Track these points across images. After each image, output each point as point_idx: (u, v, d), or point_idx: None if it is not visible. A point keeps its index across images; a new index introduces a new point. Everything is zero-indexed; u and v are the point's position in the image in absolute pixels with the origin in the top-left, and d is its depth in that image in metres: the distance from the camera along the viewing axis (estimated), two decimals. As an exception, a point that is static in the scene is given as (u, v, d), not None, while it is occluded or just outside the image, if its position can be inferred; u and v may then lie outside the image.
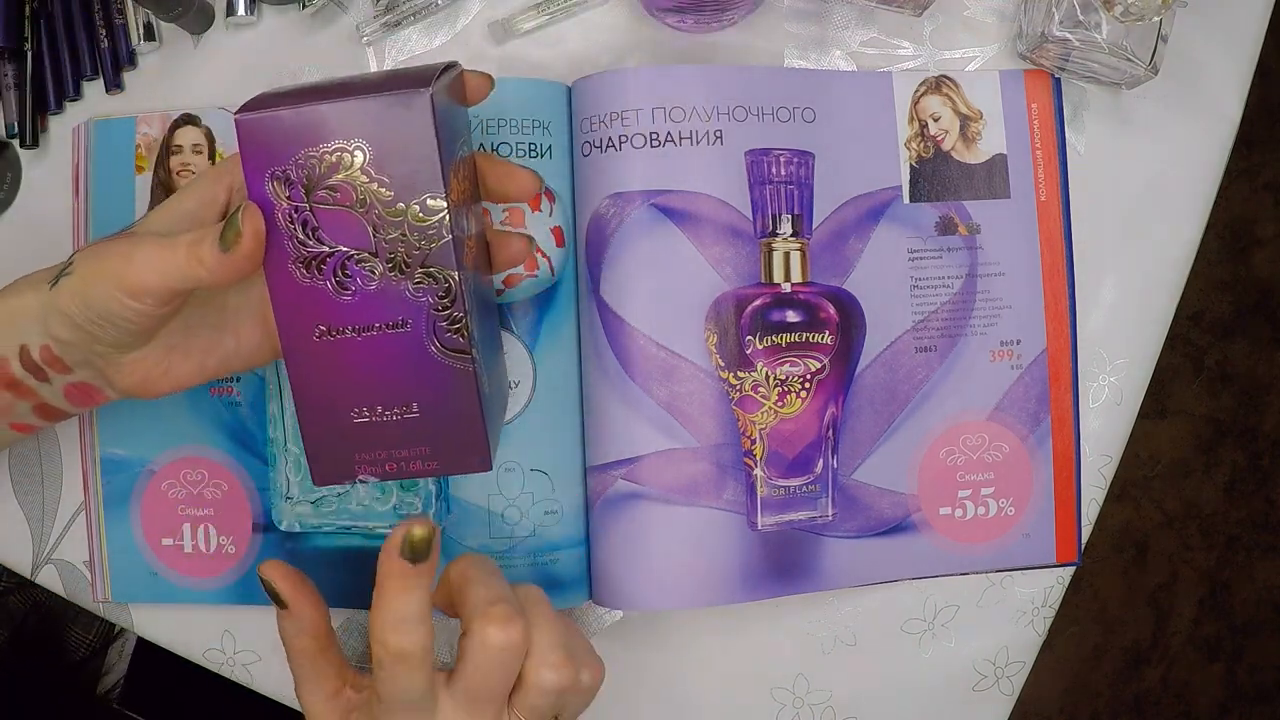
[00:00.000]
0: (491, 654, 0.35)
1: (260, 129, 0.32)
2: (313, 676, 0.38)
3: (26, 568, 0.51)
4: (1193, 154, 0.51)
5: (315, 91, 0.33)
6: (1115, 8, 0.43)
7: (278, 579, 0.38)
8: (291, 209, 0.33)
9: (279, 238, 0.34)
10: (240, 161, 0.33)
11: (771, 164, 0.46)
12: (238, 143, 0.33)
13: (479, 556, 0.39)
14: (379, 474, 0.37)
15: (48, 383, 0.38)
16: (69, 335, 0.36)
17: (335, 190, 0.33)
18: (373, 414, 0.36)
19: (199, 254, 0.33)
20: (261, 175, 0.33)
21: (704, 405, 0.45)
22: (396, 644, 0.34)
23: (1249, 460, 1.35)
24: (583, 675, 0.37)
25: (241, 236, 0.33)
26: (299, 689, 0.39)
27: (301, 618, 0.38)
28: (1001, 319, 0.49)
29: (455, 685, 0.36)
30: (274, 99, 0.33)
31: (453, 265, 0.34)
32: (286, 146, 0.33)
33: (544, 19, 0.49)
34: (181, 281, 0.34)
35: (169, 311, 0.36)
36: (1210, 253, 1.33)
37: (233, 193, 0.38)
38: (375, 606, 0.35)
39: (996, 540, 0.49)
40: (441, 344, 0.35)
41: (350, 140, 0.33)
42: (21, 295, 0.37)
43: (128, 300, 0.34)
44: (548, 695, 0.36)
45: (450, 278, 0.34)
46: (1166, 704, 1.33)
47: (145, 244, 0.34)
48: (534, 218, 0.46)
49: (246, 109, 0.33)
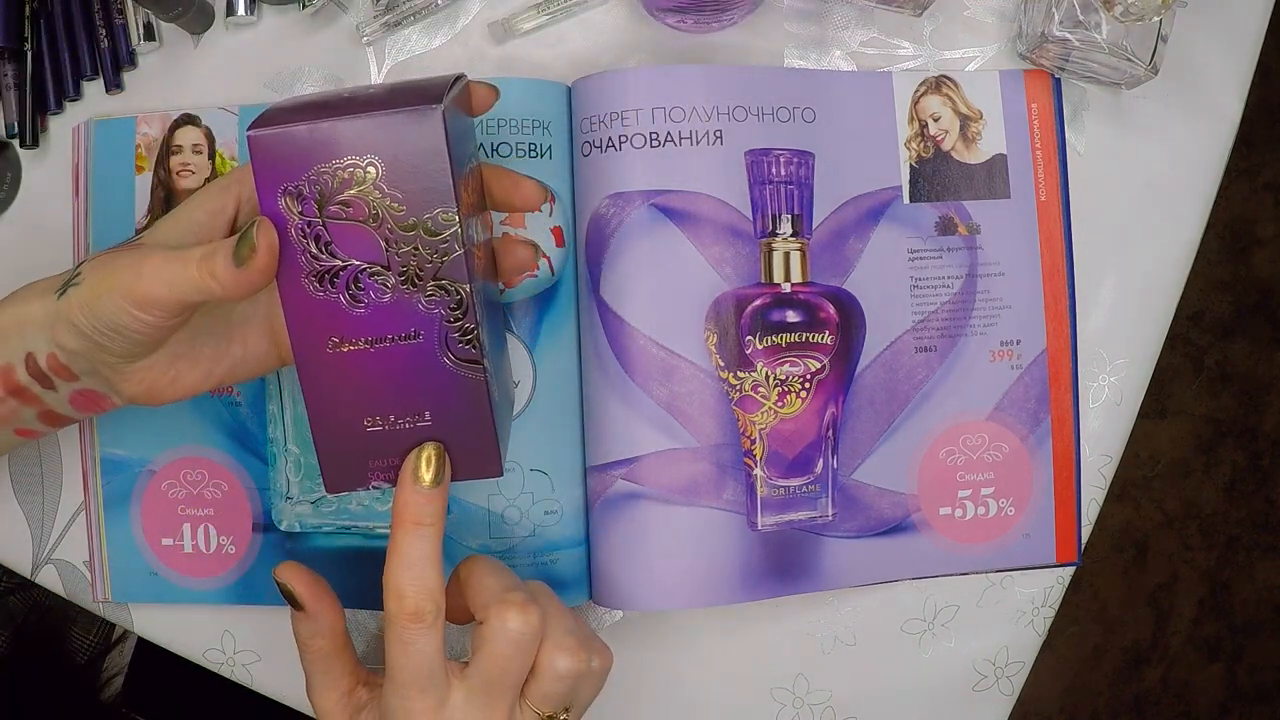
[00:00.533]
0: (511, 638, 0.36)
1: (273, 145, 0.33)
2: (327, 676, 0.39)
3: (26, 568, 0.51)
4: (1193, 154, 0.51)
5: (325, 106, 0.33)
6: (1115, 8, 0.43)
7: (295, 582, 0.38)
8: (304, 224, 0.33)
9: (292, 252, 0.34)
10: (249, 173, 0.33)
11: (771, 164, 0.46)
12: (250, 158, 0.33)
13: (485, 556, 0.40)
14: (392, 480, 0.37)
15: (53, 390, 0.38)
16: (76, 345, 0.36)
17: (348, 205, 0.33)
18: (385, 423, 0.36)
19: (212, 268, 0.33)
20: (274, 191, 0.33)
21: (704, 405, 0.45)
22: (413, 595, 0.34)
23: (1249, 460, 1.35)
24: (593, 661, 0.38)
25: (256, 252, 0.33)
26: (311, 688, 0.39)
27: (319, 620, 0.38)
28: (1001, 319, 0.49)
29: (470, 675, 0.36)
30: (285, 114, 0.33)
31: (465, 278, 0.34)
32: (299, 162, 0.33)
33: (544, 19, 0.49)
34: (192, 294, 0.34)
35: (178, 323, 0.36)
36: (1210, 253, 1.33)
37: (241, 204, 0.38)
38: (390, 553, 0.35)
39: (996, 540, 0.49)
40: (454, 355, 0.35)
41: (363, 156, 0.33)
42: (28, 303, 0.37)
43: (137, 312, 0.34)
44: (562, 680, 0.37)
45: (462, 290, 0.34)
46: (1166, 704, 1.33)
47: (155, 256, 0.34)
48: (534, 218, 0.46)
49: (258, 125, 0.33)
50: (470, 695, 0.36)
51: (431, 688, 0.35)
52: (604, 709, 0.50)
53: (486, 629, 0.36)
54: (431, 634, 0.35)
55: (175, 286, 0.34)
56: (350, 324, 0.34)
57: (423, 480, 0.35)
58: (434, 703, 0.36)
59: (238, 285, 0.33)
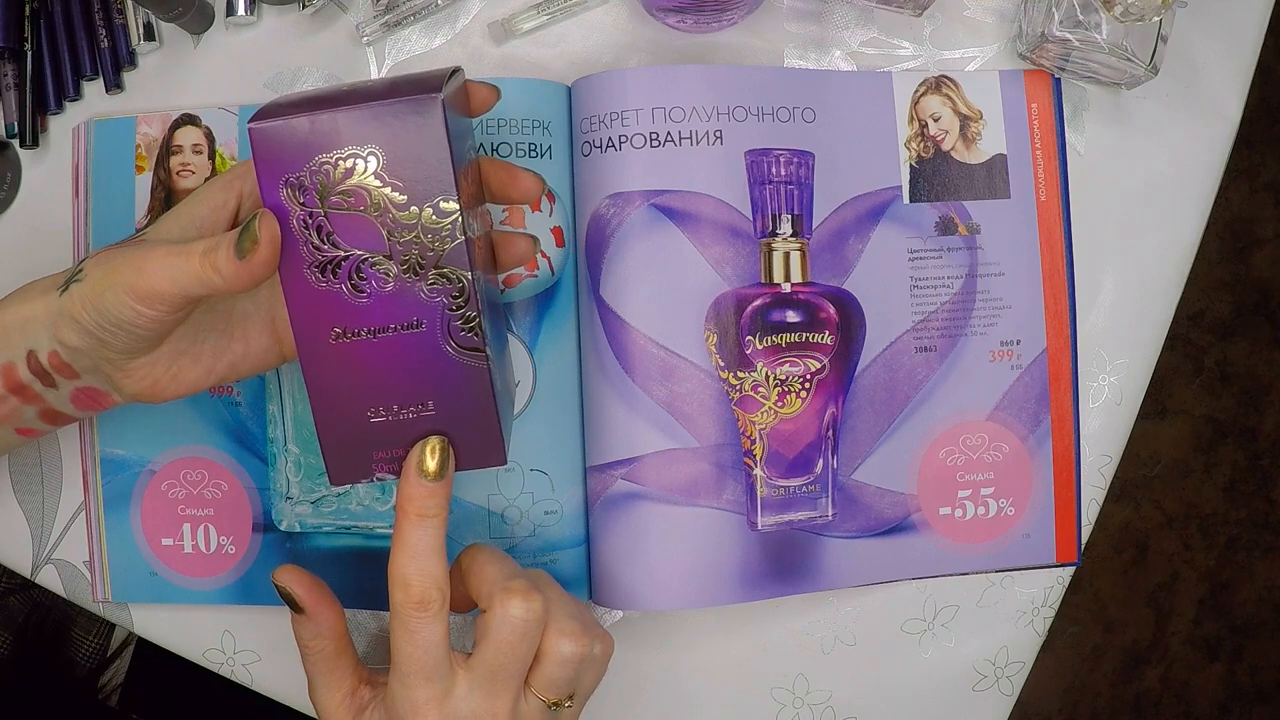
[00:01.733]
0: (515, 625, 0.36)
1: (274, 137, 0.33)
2: (329, 677, 0.39)
3: (26, 568, 0.51)
4: (1193, 154, 0.51)
5: (325, 99, 0.33)
6: (1115, 8, 0.43)
7: (294, 584, 0.38)
8: (306, 215, 0.34)
9: (294, 243, 0.34)
10: (250, 168, 0.33)
11: (771, 164, 0.46)
12: (251, 151, 0.33)
13: (487, 545, 0.40)
14: (396, 471, 0.37)
15: (54, 388, 0.38)
16: (78, 341, 0.36)
17: (349, 195, 0.33)
18: (389, 413, 0.36)
19: (214, 261, 0.33)
20: (276, 182, 0.33)
21: (704, 405, 0.45)
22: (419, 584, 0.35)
23: (1249, 460, 1.35)
24: (596, 646, 0.38)
25: (258, 244, 0.33)
26: (313, 689, 0.39)
27: (320, 622, 0.38)
28: (1001, 319, 0.49)
29: (475, 663, 0.36)
30: (285, 107, 0.33)
31: (466, 265, 0.34)
32: (300, 154, 0.33)
33: (544, 19, 0.49)
34: (196, 288, 0.34)
35: (180, 317, 0.36)
36: (1210, 253, 1.33)
37: (243, 199, 0.38)
38: (395, 544, 0.35)
39: (996, 540, 0.49)
40: (456, 343, 0.35)
41: (363, 146, 0.33)
42: (30, 301, 0.37)
43: (140, 307, 0.34)
44: (566, 665, 0.37)
45: (464, 278, 0.34)
46: (1166, 704, 1.33)
47: (157, 251, 0.34)
48: (534, 218, 0.46)
49: (259, 117, 0.33)
50: (475, 684, 0.36)
51: (437, 677, 0.36)
52: (604, 709, 0.50)
53: (490, 617, 0.36)
54: (437, 623, 0.35)
55: (178, 280, 0.34)
56: (353, 314, 0.35)
57: (427, 472, 0.35)
58: (439, 692, 0.36)
59: (240, 278, 0.33)
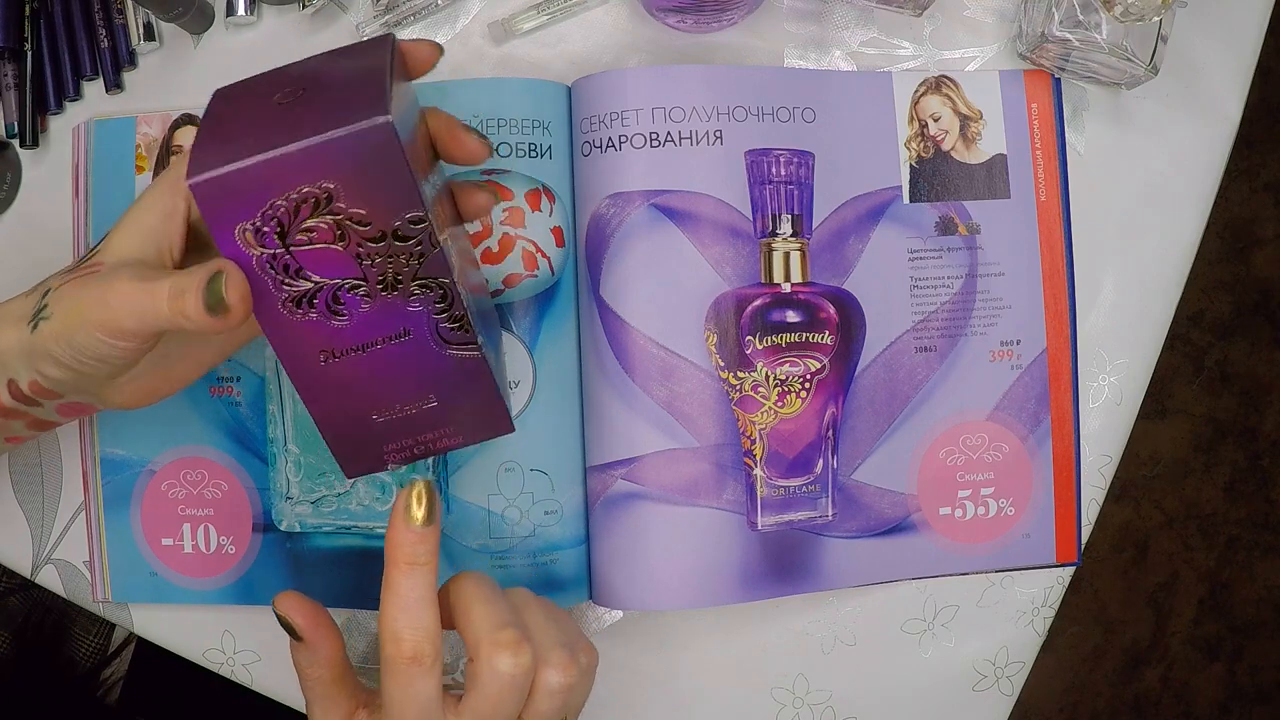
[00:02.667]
0: (504, 680, 0.35)
1: (219, 188, 0.30)
2: (327, 703, 0.39)
3: (26, 568, 0.51)
4: (1193, 154, 0.51)
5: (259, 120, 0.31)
6: (1115, 8, 0.43)
7: (294, 613, 0.38)
8: (269, 256, 0.32)
9: (262, 284, 0.32)
10: None
11: (771, 164, 0.46)
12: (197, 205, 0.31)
13: (477, 575, 0.38)
14: (408, 458, 0.37)
15: (40, 406, 0.38)
16: (59, 374, 0.35)
17: (311, 232, 0.31)
18: (392, 412, 0.36)
19: (182, 308, 0.32)
20: (230, 231, 0.31)
21: (704, 405, 0.45)
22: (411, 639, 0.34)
23: (1249, 460, 1.35)
24: (581, 660, 0.38)
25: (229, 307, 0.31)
26: (311, 714, 0.39)
27: (318, 650, 0.38)
28: (1001, 319, 0.49)
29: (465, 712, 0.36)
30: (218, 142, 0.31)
31: (444, 272, 0.33)
32: (251, 200, 0.30)
33: (544, 19, 0.49)
34: (166, 327, 0.33)
35: (156, 342, 0.35)
36: (1210, 253, 1.33)
37: (191, 202, 0.36)
38: (385, 594, 0.35)
39: (996, 540, 0.49)
40: (446, 340, 0.35)
41: (316, 182, 0.30)
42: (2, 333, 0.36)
43: (113, 341, 0.33)
44: (556, 696, 0.37)
45: (444, 284, 0.33)
46: (1166, 704, 1.33)
47: (119, 284, 0.33)
48: (534, 218, 0.46)
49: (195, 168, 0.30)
50: None
51: None
52: (604, 709, 0.50)
53: (479, 668, 0.35)
54: (430, 675, 0.35)
55: (146, 320, 0.33)
56: (337, 336, 0.34)
57: (415, 519, 0.35)
58: None
59: (214, 326, 0.32)
